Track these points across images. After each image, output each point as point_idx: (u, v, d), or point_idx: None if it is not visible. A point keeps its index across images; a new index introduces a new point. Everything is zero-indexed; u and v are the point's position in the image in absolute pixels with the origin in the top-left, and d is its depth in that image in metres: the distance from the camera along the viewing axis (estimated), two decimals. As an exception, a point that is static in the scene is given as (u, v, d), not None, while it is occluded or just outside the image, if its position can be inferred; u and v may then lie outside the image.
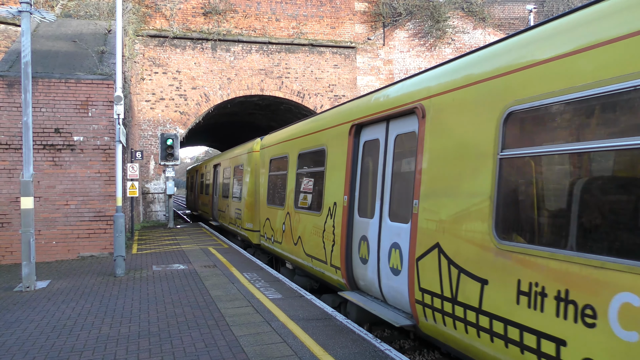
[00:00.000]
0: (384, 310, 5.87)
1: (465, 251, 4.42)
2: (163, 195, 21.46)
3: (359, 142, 7.16)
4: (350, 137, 7.21)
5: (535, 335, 3.58)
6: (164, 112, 21.28)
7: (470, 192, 4.42)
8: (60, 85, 11.58)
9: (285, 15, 22.57)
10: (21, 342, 5.64)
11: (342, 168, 7.38)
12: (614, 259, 3.06)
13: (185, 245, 14.17)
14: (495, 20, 24.39)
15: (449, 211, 4.71)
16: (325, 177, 8.01)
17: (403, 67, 23.78)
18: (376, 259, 6.24)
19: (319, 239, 8.06)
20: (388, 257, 5.95)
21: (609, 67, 3.20)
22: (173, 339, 5.62)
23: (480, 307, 4.18)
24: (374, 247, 6.33)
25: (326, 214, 7.83)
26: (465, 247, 4.42)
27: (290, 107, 24.12)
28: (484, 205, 4.19)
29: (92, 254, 11.69)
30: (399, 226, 5.76)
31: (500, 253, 3.97)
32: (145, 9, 20.87)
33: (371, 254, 6.40)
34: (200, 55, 21.65)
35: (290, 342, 5.39)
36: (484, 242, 4.17)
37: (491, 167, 4.15)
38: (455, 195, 4.64)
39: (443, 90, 5.04)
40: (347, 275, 6.98)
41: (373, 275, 6.32)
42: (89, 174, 11.67)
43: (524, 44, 4.11)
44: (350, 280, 6.98)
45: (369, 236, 6.49)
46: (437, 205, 4.92)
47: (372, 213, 6.53)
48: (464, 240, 4.45)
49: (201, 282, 8.80)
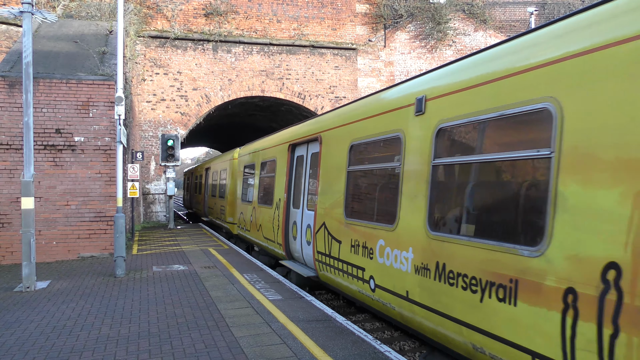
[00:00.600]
0: (302, 269, 8.87)
1: (334, 225, 7.46)
2: (163, 196, 21.46)
3: (294, 156, 10.11)
4: (289, 152, 10.20)
5: (357, 268, 6.59)
6: (165, 113, 21.29)
7: (336, 191, 7.49)
8: (62, 85, 11.60)
9: (287, 17, 22.59)
10: (21, 342, 5.64)
11: (284, 174, 10.34)
12: (375, 223, 6.18)
13: (185, 246, 14.17)
14: (497, 22, 24.40)
15: (329, 202, 7.72)
16: (275, 180, 10.98)
17: (404, 69, 23.79)
18: (300, 236, 9.20)
19: (271, 225, 11.09)
20: (305, 234, 8.93)
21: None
22: (173, 340, 5.62)
23: (339, 257, 7.23)
24: (298, 228, 9.31)
25: (275, 207, 10.86)
26: (334, 223, 7.45)
27: (291, 108, 24.13)
28: (341, 198, 7.24)
29: (92, 255, 11.69)
30: (310, 213, 8.69)
31: (346, 225, 7.01)
32: (146, 10, 20.90)
33: (297, 233, 9.36)
34: (201, 56, 21.67)
35: (290, 344, 5.39)
36: (341, 220, 7.21)
37: (344, 176, 7.19)
38: (331, 192, 7.67)
39: (327, 129, 8.15)
40: (286, 249, 10.03)
41: (299, 247, 9.26)
42: (90, 174, 11.68)
43: (353, 108, 7.38)
44: (288, 253, 10.02)
45: (297, 221, 9.44)
46: (324, 199, 7.92)
47: (299, 205, 9.48)
48: (334, 219, 7.48)
49: (201, 283, 8.79)
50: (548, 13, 24.20)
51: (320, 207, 7.99)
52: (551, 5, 24.31)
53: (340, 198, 7.25)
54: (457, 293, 4.43)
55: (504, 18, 24.53)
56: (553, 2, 24.33)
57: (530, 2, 24.32)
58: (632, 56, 3.08)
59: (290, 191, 10.03)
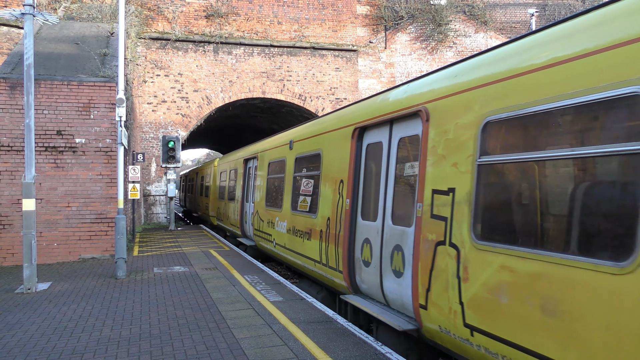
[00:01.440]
0: (249, 242, 13.37)
1: (261, 211, 11.76)
2: (164, 197, 21.46)
3: (247, 167, 14.44)
4: (244, 165, 14.75)
5: (269, 234, 10.88)
6: (166, 115, 21.31)
7: (262, 190, 12.01)
8: (63, 87, 11.61)
9: (287, 18, 22.61)
10: (22, 343, 5.64)
11: (241, 180, 14.89)
12: (273, 208, 10.68)
13: (186, 247, 14.18)
14: (497, 23, 24.39)
15: (259, 197, 12.25)
16: (236, 183, 15.64)
17: (405, 71, 23.79)
18: (249, 219, 13.44)
19: (235, 214, 15.49)
20: (250, 218, 13.23)
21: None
22: (174, 341, 5.62)
23: (263, 230, 11.52)
24: (248, 214, 13.62)
25: (236, 202, 15.29)
26: (261, 210, 11.78)
27: (292, 109, 24.14)
28: (264, 195, 11.50)
29: (93, 256, 11.70)
30: (251, 204, 13.29)
31: (266, 210, 11.23)
32: (147, 11, 20.93)
33: (247, 217, 13.68)
34: (202, 58, 21.69)
35: (291, 345, 5.38)
36: (264, 207, 11.54)
37: (265, 181, 11.45)
38: (260, 191, 12.22)
39: (262, 150, 12.64)
40: (242, 229, 14.46)
41: (249, 227, 13.30)
42: (91, 176, 11.69)
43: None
44: (243, 232, 14.36)
45: (247, 210, 13.80)
46: (257, 196, 12.42)
47: (248, 200, 13.78)
48: (261, 207, 11.82)
49: (202, 285, 8.79)
50: (549, 14, 24.20)
51: (255, 201, 12.67)
52: (552, 6, 24.32)
53: (263, 194, 11.76)
54: (299, 240, 8.79)
55: (505, 19, 24.53)
56: (554, 3, 24.34)
57: (531, 3, 24.33)
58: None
59: (244, 191, 14.44)
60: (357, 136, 6.78)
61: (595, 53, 3.26)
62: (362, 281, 6.49)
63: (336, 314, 6.69)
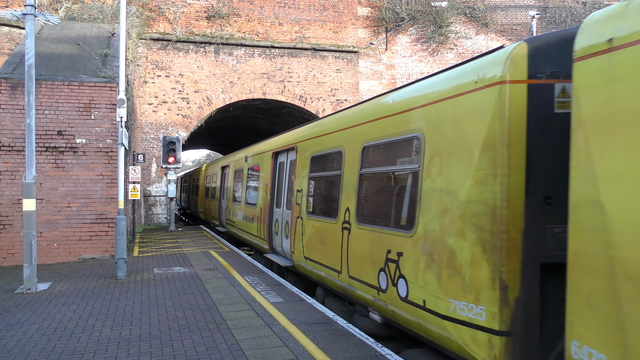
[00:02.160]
0: (222, 228, 17.81)
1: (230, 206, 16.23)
2: (164, 198, 21.46)
3: (224, 173, 17.90)
4: (221, 171, 18.48)
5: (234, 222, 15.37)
6: (167, 115, 21.31)
7: (236, 191, 15.37)
8: (64, 87, 11.62)
9: (288, 20, 22.62)
10: (22, 343, 5.64)
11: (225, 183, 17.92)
12: (237, 202, 15.08)
13: (186, 248, 14.17)
14: (498, 25, 24.40)
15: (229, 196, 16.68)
16: (217, 185, 19.19)
17: (405, 72, 23.80)
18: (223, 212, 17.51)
19: (216, 210, 19.02)
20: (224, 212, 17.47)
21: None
22: (174, 342, 5.61)
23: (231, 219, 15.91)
24: (222, 209, 17.58)
25: (217, 200, 18.96)
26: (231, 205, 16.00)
27: (293, 111, 24.15)
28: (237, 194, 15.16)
29: (93, 257, 11.69)
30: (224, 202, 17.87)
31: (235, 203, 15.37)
32: (148, 12, 20.94)
33: (222, 211, 17.65)
34: (203, 58, 21.70)
35: (291, 346, 5.38)
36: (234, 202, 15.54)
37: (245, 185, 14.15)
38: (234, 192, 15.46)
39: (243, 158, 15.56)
40: (219, 219, 18.09)
41: (223, 217, 17.18)
42: (91, 176, 11.69)
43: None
44: (220, 221, 17.92)
45: (223, 205, 17.64)
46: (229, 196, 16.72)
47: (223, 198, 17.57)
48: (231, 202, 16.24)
49: (202, 285, 8.79)
50: (549, 17, 24.22)
51: (227, 199, 16.74)
52: (552, 9, 24.33)
53: (237, 194, 15.00)
54: (248, 224, 12.99)
55: (506, 22, 24.54)
56: (554, 5, 24.36)
57: (532, 5, 24.34)
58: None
59: (222, 193, 18.25)
60: (274, 157, 11.06)
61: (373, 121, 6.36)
62: (275, 245, 10.68)
63: (336, 315, 6.71)
